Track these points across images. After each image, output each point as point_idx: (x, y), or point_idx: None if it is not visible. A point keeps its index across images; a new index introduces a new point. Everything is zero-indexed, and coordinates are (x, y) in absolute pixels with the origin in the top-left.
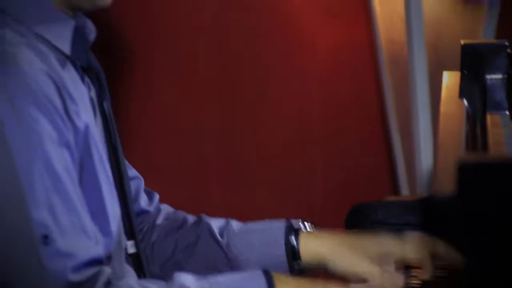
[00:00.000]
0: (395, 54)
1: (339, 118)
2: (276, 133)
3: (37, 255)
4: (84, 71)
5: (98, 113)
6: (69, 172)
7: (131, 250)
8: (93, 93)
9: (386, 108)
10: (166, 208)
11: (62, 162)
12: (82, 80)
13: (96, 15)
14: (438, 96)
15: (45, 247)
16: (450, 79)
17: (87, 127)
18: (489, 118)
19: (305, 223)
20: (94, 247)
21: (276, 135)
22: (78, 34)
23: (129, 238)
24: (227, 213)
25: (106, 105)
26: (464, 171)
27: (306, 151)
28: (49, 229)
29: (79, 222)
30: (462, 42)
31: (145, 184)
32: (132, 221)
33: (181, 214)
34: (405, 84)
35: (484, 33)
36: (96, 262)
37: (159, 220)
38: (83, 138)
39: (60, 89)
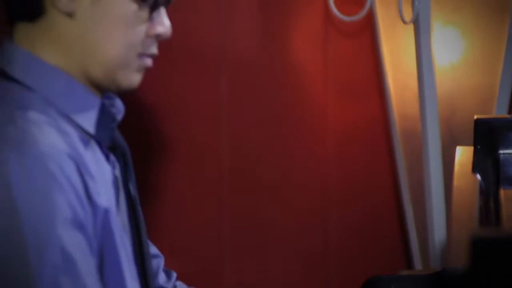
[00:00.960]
0: (408, 128)
1: (352, 192)
2: (289, 208)
3: None
4: (109, 149)
5: (122, 192)
6: (82, 252)
7: None
8: (117, 172)
9: (399, 182)
10: (180, 285)
11: (75, 242)
12: (107, 158)
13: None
14: (451, 170)
15: None
16: (463, 154)
17: (107, 208)
18: (502, 193)
19: None
20: None
21: (289, 210)
22: (104, 114)
23: None
24: None
25: (132, 184)
26: (477, 245)
27: (319, 225)
28: None
29: None
30: (475, 117)
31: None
32: None
33: None
34: (418, 158)
35: (497, 108)
36: None
37: None
38: (104, 217)
39: (81, 169)
